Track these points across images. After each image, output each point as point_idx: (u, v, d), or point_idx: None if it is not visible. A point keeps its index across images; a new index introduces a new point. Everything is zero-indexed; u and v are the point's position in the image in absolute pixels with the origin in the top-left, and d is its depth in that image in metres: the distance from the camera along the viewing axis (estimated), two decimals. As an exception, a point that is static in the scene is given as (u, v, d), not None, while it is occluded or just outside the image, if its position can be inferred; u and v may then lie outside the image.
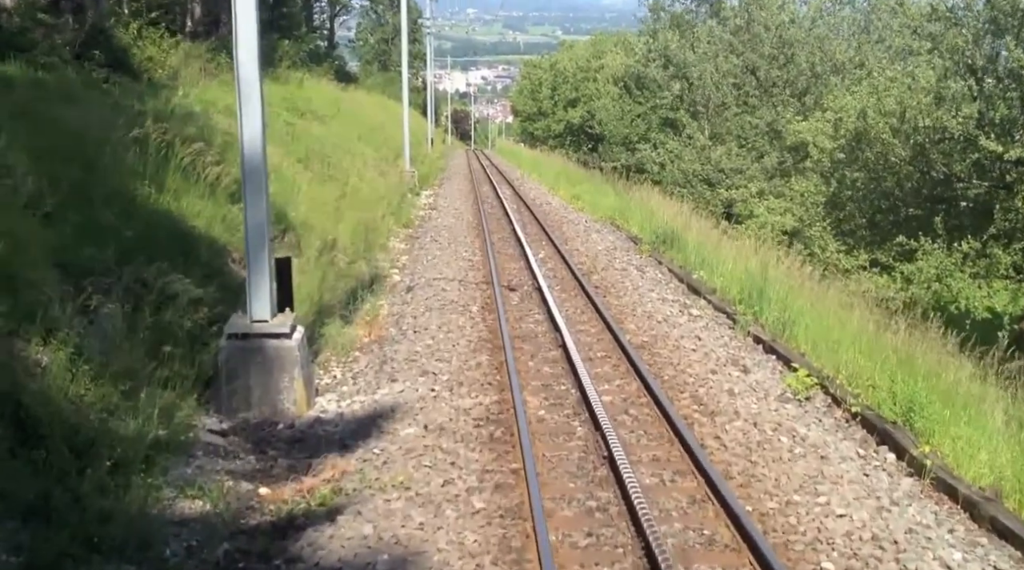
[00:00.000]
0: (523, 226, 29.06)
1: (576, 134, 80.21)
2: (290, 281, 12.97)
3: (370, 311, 17.40)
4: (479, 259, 23.40)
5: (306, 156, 26.55)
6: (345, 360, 14.60)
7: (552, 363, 14.23)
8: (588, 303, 18.29)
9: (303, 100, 38.01)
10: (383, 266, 22.36)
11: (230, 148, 19.55)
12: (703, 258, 22.74)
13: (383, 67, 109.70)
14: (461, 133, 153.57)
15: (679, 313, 17.84)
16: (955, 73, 25.90)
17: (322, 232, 21.25)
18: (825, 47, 39.33)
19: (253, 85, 11.77)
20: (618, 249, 25.54)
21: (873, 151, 27.62)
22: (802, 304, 17.20)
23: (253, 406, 11.67)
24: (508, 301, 18.52)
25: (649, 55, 49.97)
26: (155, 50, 30.39)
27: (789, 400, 12.67)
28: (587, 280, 20.49)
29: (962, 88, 25.67)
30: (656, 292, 19.70)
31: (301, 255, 19.18)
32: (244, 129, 11.78)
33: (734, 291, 19.33)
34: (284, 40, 54.29)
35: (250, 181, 11.82)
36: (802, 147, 37.59)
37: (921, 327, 16.05)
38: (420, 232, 28.57)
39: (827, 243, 28.15)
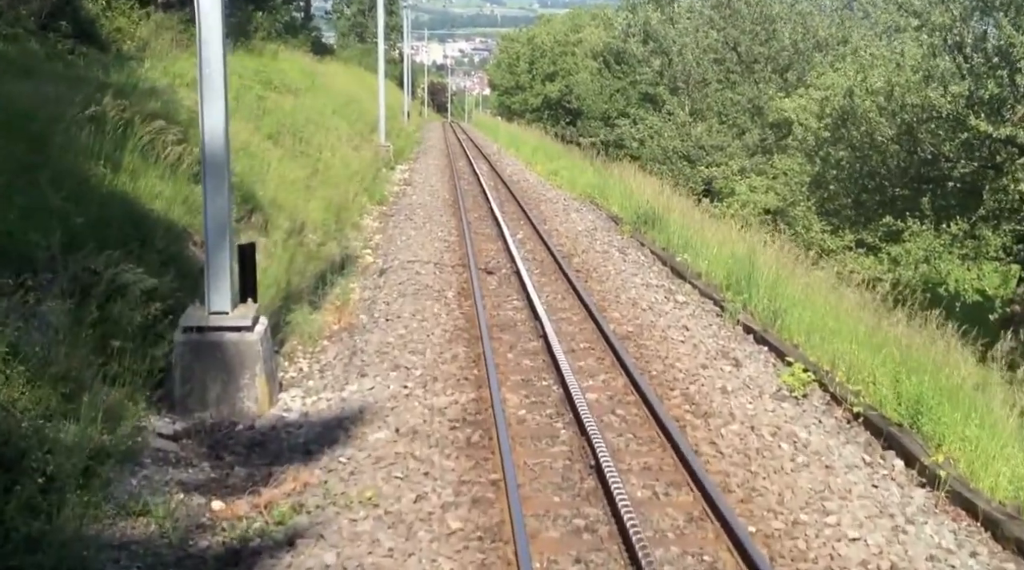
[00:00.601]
0: (500, 204, 28.08)
1: (554, 108, 79.14)
2: (254, 269, 12.01)
3: (341, 295, 16.44)
4: (455, 239, 22.43)
5: (277, 131, 25.49)
6: (313, 350, 13.64)
7: (532, 355, 13.31)
8: (569, 288, 17.35)
9: (277, 73, 36.87)
10: (355, 246, 21.38)
11: (194, 125, 18.45)
12: (686, 240, 21.84)
13: (360, 39, 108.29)
14: (438, 105, 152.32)
15: (664, 300, 16.93)
16: (942, 51, 25.04)
17: (292, 211, 20.29)
18: (808, 23, 38.34)
19: (216, 64, 10.79)
20: (598, 229, 24.61)
21: (859, 130, 26.74)
22: (792, 291, 16.34)
23: (210, 405, 10.72)
24: (485, 286, 17.58)
25: (629, 30, 48.91)
26: (125, 21, 29.30)
27: (785, 398, 11.79)
28: (567, 263, 19.57)
29: (950, 66, 24.83)
30: (639, 276, 18.78)
31: (269, 236, 18.24)
32: (206, 111, 10.80)
33: (720, 275, 18.46)
34: (259, 12, 53.11)
35: (211, 165, 10.84)
36: (784, 124, 36.75)
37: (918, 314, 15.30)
38: (394, 209, 27.56)
39: (811, 223, 27.29)
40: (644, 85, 47.93)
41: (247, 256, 11.97)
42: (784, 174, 32.56)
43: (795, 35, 38.24)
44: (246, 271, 11.88)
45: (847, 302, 16.91)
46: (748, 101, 39.33)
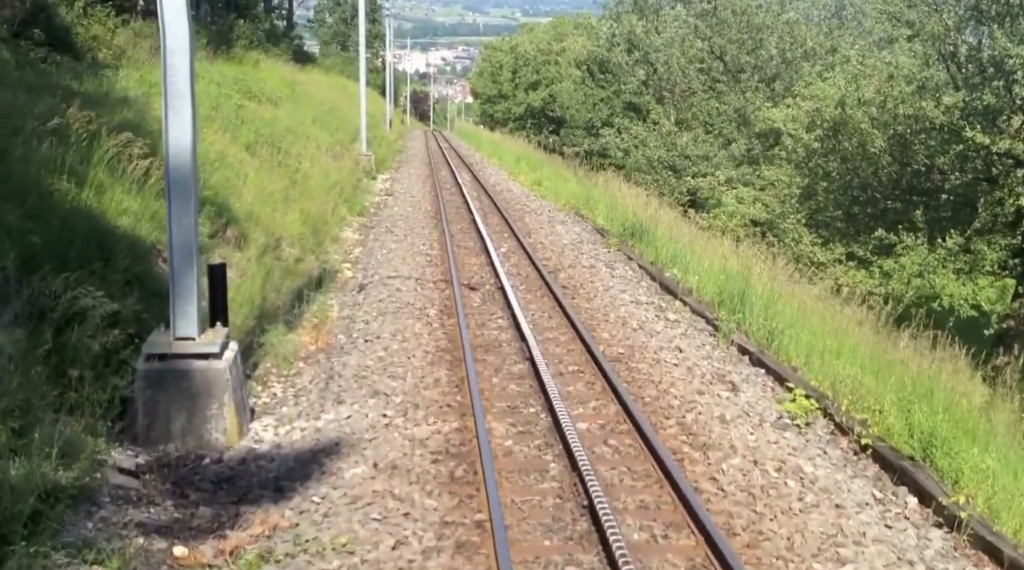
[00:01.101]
0: (484, 216, 27.40)
1: (537, 117, 78.54)
2: (224, 291, 11.31)
3: (318, 313, 15.72)
4: (437, 253, 21.73)
5: (255, 141, 24.74)
6: (288, 374, 12.92)
7: (519, 379, 12.61)
8: (556, 306, 16.67)
9: (256, 82, 36.15)
10: (334, 260, 20.68)
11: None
12: (675, 253, 21.21)
13: (343, 48, 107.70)
14: (420, 114, 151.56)
15: (655, 318, 16.25)
16: (936, 61, 24.52)
17: (269, 224, 19.57)
18: (795, 32, 37.77)
19: (183, 74, 10.10)
20: (584, 242, 23.94)
21: (851, 142, 26.19)
22: (788, 309, 15.71)
23: (175, 437, 9.99)
24: (469, 303, 16.89)
25: (613, 39, 48.27)
26: (101, 29, 28.55)
27: (787, 427, 11.11)
28: (553, 278, 18.90)
29: (944, 77, 24.32)
30: (628, 293, 18.11)
31: (245, 251, 17.52)
32: (171, 122, 10.12)
33: (710, 291, 17.83)
34: (240, 20, 52.46)
35: (176, 180, 10.13)
36: (771, 134, 36.18)
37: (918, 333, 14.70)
38: (375, 221, 26.85)
39: (801, 236, 26.66)
40: (628, 94, 47.31)
41: (217, 277, 11.28)
42: (772, 185, 31.95)
43: (782, 44, 37.64)
44: (216, 293, 11.19)
45: (844, 319, 16.32)
46: (735, 111, 38.72)
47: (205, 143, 20.21)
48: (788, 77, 37.78)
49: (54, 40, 25.43)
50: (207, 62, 34.17)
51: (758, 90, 38.82)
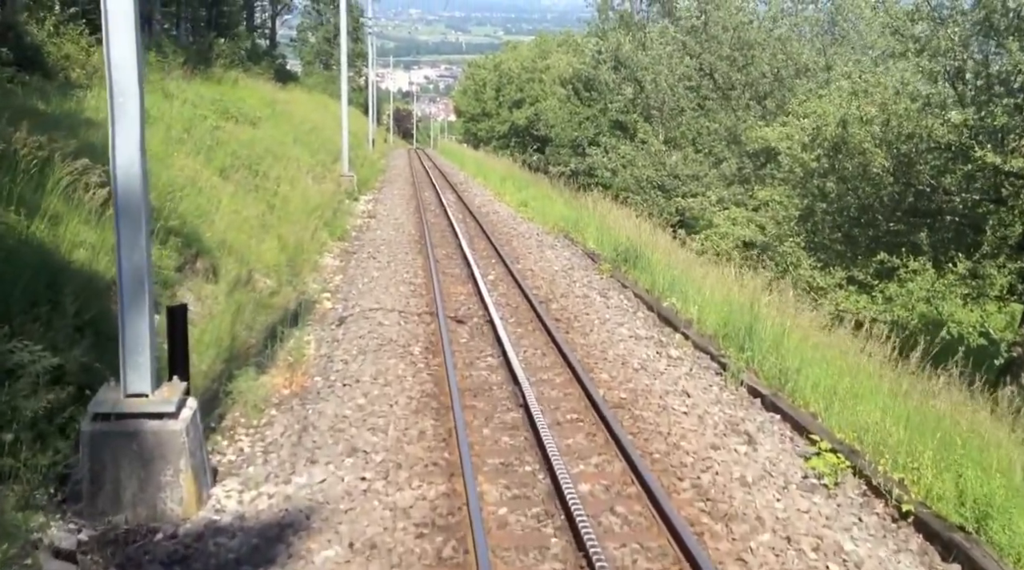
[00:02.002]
0: (470, 240, 26.13)
1: (521, 136, 77.32)
2: (185, 337, 9.98)
3: (294, 351, 14.42)
4: (422, 282, 20.43)
5: (231, 164, 23.48)
6: (257, 424, 11.59)
7: (512, 431, 11.32)
8: (549, 341, 15.39)
9: (235, 101, 34.91)
10: (313, 290, 19.39)
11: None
12: (672, 280, 19.97)
13: (326, 66, 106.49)
14: (403, 132, 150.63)
15: (657, 356, 14.96)
16: (942, 77, 23.34)
17: (243, 253, 18.30)
18: (788, 49, 36.60)
19: (131, 92, 8.75)
20: (576, 268, 22.65)
21: (852, 162, 24.98)
22: (800, 344, 14.48)
23: (125, 508, 8.69)
24: (456, 338, 15.60)
25: (599, 56, 47.08)
26: (74, 47, 27.29)
27: (815, 489, 9.83)
28: (545, 310, 17.62)
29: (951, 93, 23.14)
30: (626, 326, 16.81)
31: (216, 283, 16.24)
32: (119, 146, 8.74)
33: (712, 323, 16.60)
34: (221, 39, 51.48)
35: (125, 210, 8.79)
36: (762, 153, 35.04)
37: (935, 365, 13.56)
38: (357, 246, 25.54)
39: (800, 260, 25.41)
40: (615, 112, 46.11)
41: (177, 321, 9.96)
42: (765, 205, 30.72)
43: (775, 62, 36.46)
44: (176, 340, 9.88)
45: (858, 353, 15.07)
46: (725, 129, 37.53)
47: (174, 168, 18.96)
48: (780, 95, 36.62)
49: (23, 59, 24.34)
50: (183, 81, 32.95)
51: (749, 108, 37.64)
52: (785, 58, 36.23)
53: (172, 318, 9.97)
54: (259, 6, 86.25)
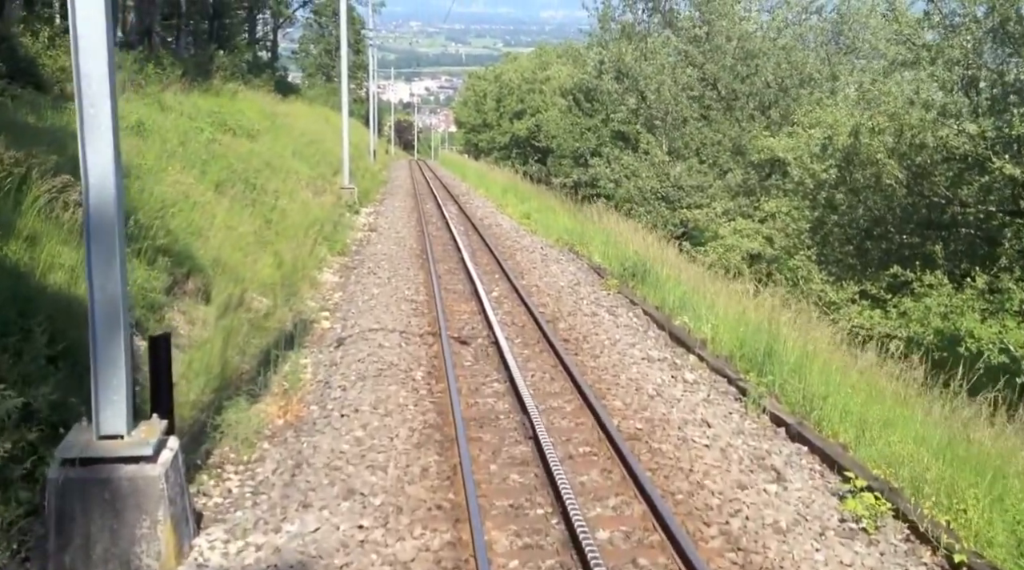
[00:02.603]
0: (472, 254, 25.18)
1: (522, 146, 76.40)
2: (168, 369, 9.06)
3: (290, 376, 13.51)
4: (424, 299, 19.48)
5: (226, 178, 22.53)
6: (247, 460, 10.64)
7: (522, 467, 10.36)
8: (557, 364, 14.44)
9: (233, 114, 33.97)
10: (311, 309, 18.46)
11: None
12: (682, 297, 19.05)
13: (327, 79, 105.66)
14: (404, 143, 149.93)
15: (672, 380, 13.99)
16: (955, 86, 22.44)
17: (238, 272, 17.36)
18: (792, 58, 35.66)
19: (102, 103, 7.84)
20: (582, 283, 21.70)
21: (863, 172, 24.06)
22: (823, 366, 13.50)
23: (96, 564, 7.73)
24: (459, 361, 14.64)
25: (602, 66, 46.11)
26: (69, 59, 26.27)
27: (855, 535, 8.86)
28: (553, 329, 16.67)
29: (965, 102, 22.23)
30: (638, 347, 15.84)
31: (209, 303, 15.31)
32: (90, 162, 7.87)
33: (727, 343, 15.66)
34: (221, 51, 50.72)
35: (97, 231, 7.87)
36: (767, 163, 34.12)
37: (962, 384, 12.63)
38: (357, 261, 24.60)
39: (812, 273, 24.44)
40: (617, 123, 45.16)
41: (159, 352, 9.05)
42: (772, 217, 29.78)
43: (779, 71, 35.51)
44: (158, 373, 8.97)
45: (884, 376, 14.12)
46: (730, 140, 36.58)
47: (166, 183, 18.03)
48: (785, 105, 35.68)
49: (16, 72, 23.53)
50: (181, 94, 32.05)
51: (753, 118, 36.70)
52: (789, 68, 35.28)
53: (155, 349, 9.05)
54: (261, 19, 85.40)
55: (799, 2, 37.37)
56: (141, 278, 12.77)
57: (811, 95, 34.71)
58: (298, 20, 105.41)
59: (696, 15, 40.44)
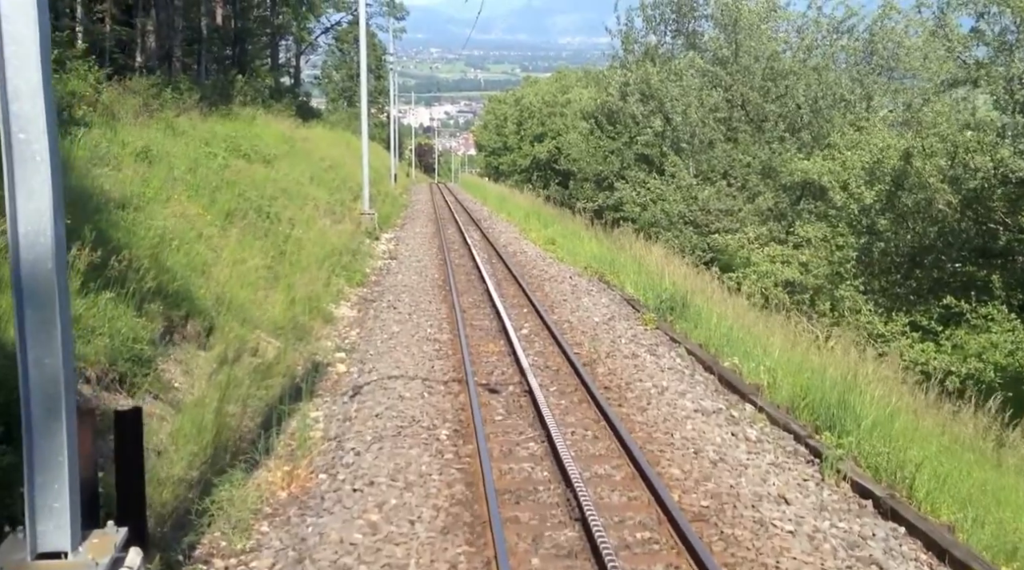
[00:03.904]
0: (497, 284, 23.18)
1: (543, 169, 74.42)
2: (136, 456, 7.12)
3: (298, 434, 11.52)
4: (447, 338, 17.46)
5: (237, 207, 20.60)
6: (241, 550, 8.63)
7: (569, 562, 8.31)
8: (600, 418, 12.41)
9: (250, 139, 32.12)
10: (326, 349, 16.50)
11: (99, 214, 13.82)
12: (727, 333, 17.04)
13: (350, 103, 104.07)
14: (425, 166, 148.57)
15: (732, 438, 11.91)
16: (1015, 106, 20.40)
17: (245, 310, 15.43)
18: (824, 78, 33.56)
19: (37, 130, 5.82)
20: (616, 318, 19.65)
21: (913, 197, 22.00)
22: (907, 419, 11.46)
23: None
24: (489, 415, 12.61)
25: (627, 88, 44.11)
26: (80, 83, 24.50)
27: (1000, 667, 6.83)
28: (591, 374, 14.65)
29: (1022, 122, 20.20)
30: (689, 395, 13.75)
31: (211, 348, 13.36)
32: (19, 209, 5.79)
33: (786, 389, 13.63)
34: (241, 75, 49.11)
35: (31, 301, 5.83)
36: (798, 186, 32.09)
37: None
38: (376, 293, 22.62)
39: (859, 304, 22.30)
40: (641, 146, 43.12)
41: (126, 435, 7.12)
42: (808, 242, 27.63)
43: (811, 92, 33.40)
44: (125, 461, 7.03)
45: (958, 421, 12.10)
46: (760, 162, 34.49)
47: (160, 217, 16.09)
48: (817, 126, 33.58)
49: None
50: (198, 119, 30.22)
51: (783, 140, 34.59)
52: (822, 88, 33.17)
53: (121, 429, 7.12)
54: (283, 45, 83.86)
55: (829, 22, 35.29)
56: (126, 328, 10.80)
57: (844, 117, 32.66)
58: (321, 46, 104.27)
59: (721, 36, 38.41)
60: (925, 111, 22.39)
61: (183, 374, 12.14)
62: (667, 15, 46.67)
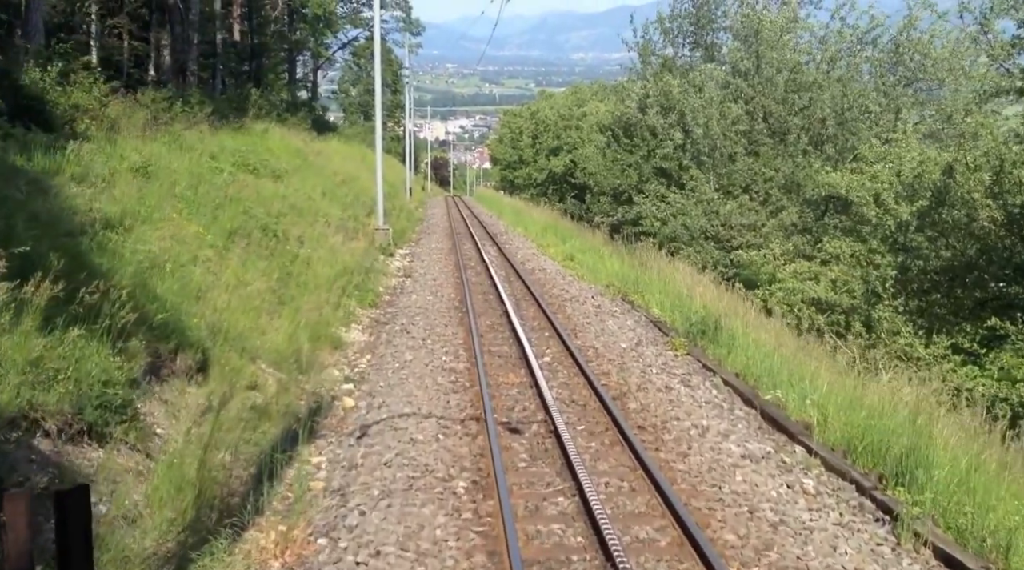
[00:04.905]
0: (516, 304, 21.59)
1: (559, 183, 72.76)
2: (83, 547, 5.54)
3: (296, 485, 9.95)
4: (464, 367, 15.84)
5: (241, 225, 19.02)
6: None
7: (615, 663, 6.72)
8: (637, 466, 10.77)
9: (261, 152, 30.64)
10: (333, 379, 14.95)
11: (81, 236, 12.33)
12: (763, 361, 15.41)
13: (366, 117, 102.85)
14: (440, 179, 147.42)
15: (789, 491, 10.25)
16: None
17: (245, 339, 13.85)
18: (849, 90, 31.87)
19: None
20: (644, 343, 18.02)
21: (954, 213, 20.32)
22: (991, 471, 9.83)
23: None
24: (512, 461, 10.99)
25: (646, 100, 42.44)
26: (84, 97, 23.05)
27: None
28: (622, 410, 13.04)
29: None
30: (732, 437, 12.09)
31: (204, 383, 11.82)
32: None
33: (838, 427, 12.00)
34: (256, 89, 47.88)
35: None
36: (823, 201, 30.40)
37: None
38: (389, 315, 21.04)
39: (898, 326, 20.56)
40: (659, 159, 41.43)
41: (67, 522, 5.54)
42: (836, 259, 25.87)
43: (837, 104, 31.70)
44: (70, 558, 5.47)
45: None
46: (784, 176, 32.81)
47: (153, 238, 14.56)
48: (843, 139, 31.88)
49: (19, 109, 20.44)
50: (208, 133, 28.73)
51: (807, 153, 32.89)
52: (848, 100, 31.47)
53: (62, 514, 5.54)
54: (301, 60, 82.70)
55: (853, 32, 33.57)
56: (97, 369, 9.22)
57: (870, 129, 30.98)
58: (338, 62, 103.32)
59: (742, 48, 36.75)
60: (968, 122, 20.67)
61: (168, 416, 10.57)
62: (685, 27, 45.11)
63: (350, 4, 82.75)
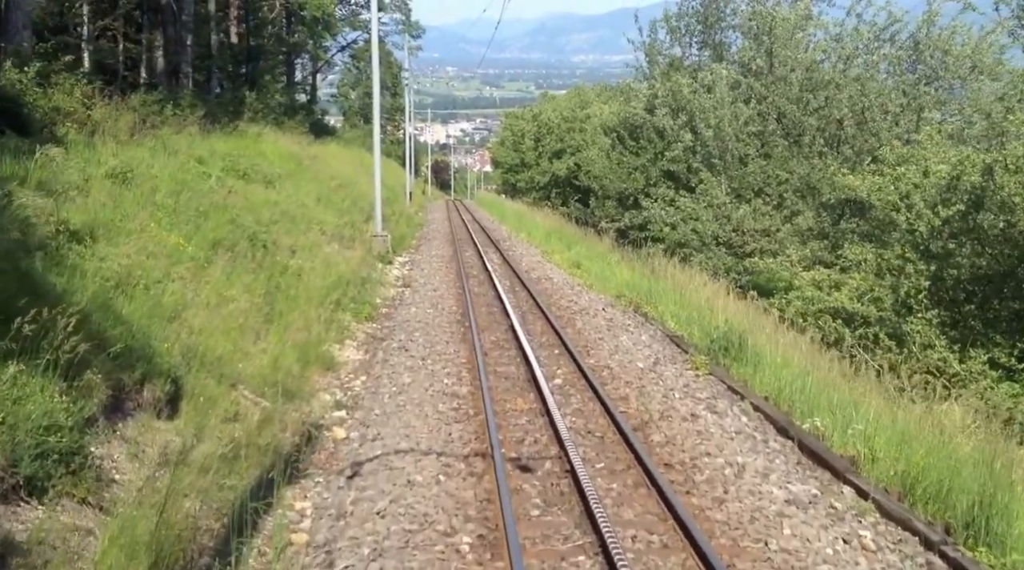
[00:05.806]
0: (523, 318, 20.19)
1: (562, 186, 71.20)
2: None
3: (274, 539, 8.56)
4: (467, 391, 14.41)
5: (226, 236, 17.61)
6: None
7: None
8: (667, 515, 9.36)
9: (252, 157, 29.22)
10: (324, 405, 13.56)
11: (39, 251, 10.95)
12: (794, 381, 14.01)
13: (366, 121, 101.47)
14: (441, 182, 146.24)
15: (846, 547, 8.81)
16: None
17: (225, 363, 12.45)
18: (868, 89, 30.43)
19: None
20: (663, 361, 16.60)
21: (990, 218, 18.91)
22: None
23: None
24: (523, 509, 9.57)
25: (654, 101, 40.95)
26: (66, 99, 21.69)
27: None
28: (645, 444, 11.64)
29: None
30: (773, 476, 10.64)
31: (175, 417, 10.44)
32: None
33: (888, 462, 10.59)
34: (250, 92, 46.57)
35: None
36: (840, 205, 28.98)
37: None
38: (386, 329, 19.63)
39: (932, 340, 19.10)
40: (667, 161, 39.95)
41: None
42: (857, 266, 24.40)
43: (857, 103, 30.26)
44: None
45: None
46: (799, 179, 31.37)
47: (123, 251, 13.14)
48: (862, 140, 30.43)
49: (-7, 112, 19.09)
50: (199, 137, 27.35)
51: (823, 155, 31.45)
52: (867, 99, 30.02)
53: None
54: (299, 63, 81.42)
55: (870, 29, 32.12)
56: (38, 412, 7.83)
57: (890, 130, 29.55)
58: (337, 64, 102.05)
59: (753, 47, 35.32)
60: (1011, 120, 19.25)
61: (130, 459, 9.18)
62: (692, 26, 43.71)
63: (349, 6, 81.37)
